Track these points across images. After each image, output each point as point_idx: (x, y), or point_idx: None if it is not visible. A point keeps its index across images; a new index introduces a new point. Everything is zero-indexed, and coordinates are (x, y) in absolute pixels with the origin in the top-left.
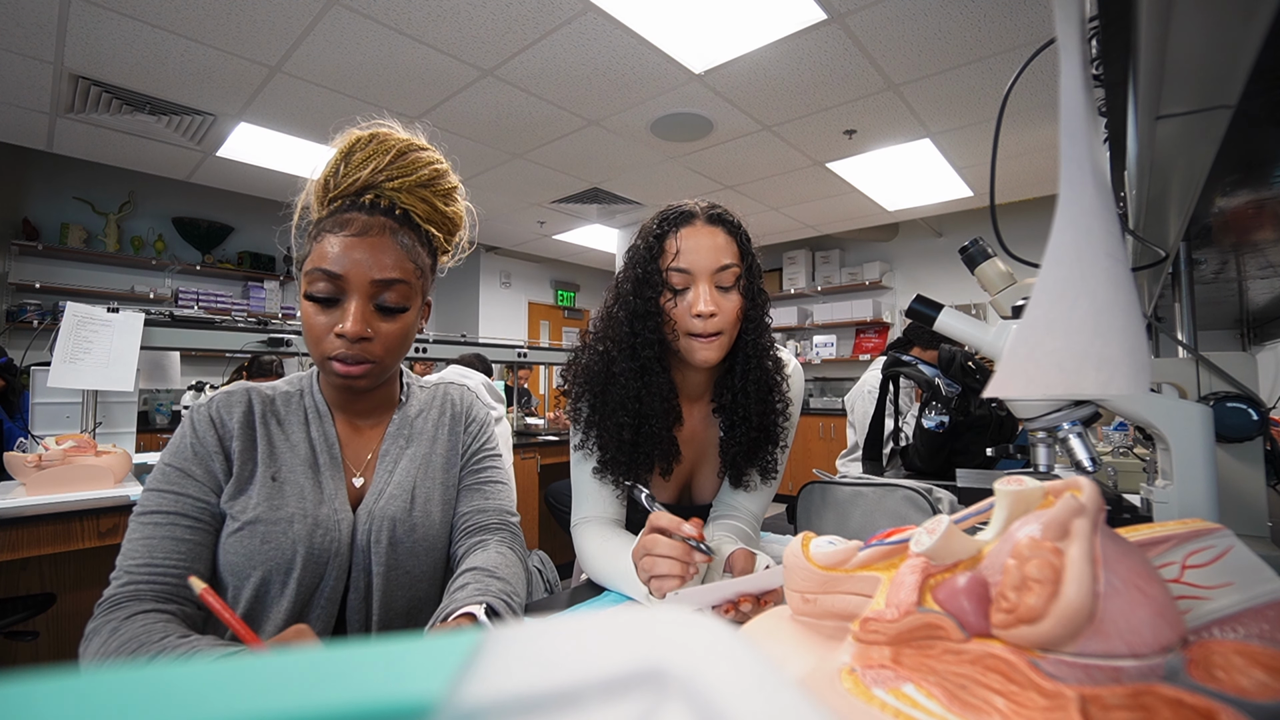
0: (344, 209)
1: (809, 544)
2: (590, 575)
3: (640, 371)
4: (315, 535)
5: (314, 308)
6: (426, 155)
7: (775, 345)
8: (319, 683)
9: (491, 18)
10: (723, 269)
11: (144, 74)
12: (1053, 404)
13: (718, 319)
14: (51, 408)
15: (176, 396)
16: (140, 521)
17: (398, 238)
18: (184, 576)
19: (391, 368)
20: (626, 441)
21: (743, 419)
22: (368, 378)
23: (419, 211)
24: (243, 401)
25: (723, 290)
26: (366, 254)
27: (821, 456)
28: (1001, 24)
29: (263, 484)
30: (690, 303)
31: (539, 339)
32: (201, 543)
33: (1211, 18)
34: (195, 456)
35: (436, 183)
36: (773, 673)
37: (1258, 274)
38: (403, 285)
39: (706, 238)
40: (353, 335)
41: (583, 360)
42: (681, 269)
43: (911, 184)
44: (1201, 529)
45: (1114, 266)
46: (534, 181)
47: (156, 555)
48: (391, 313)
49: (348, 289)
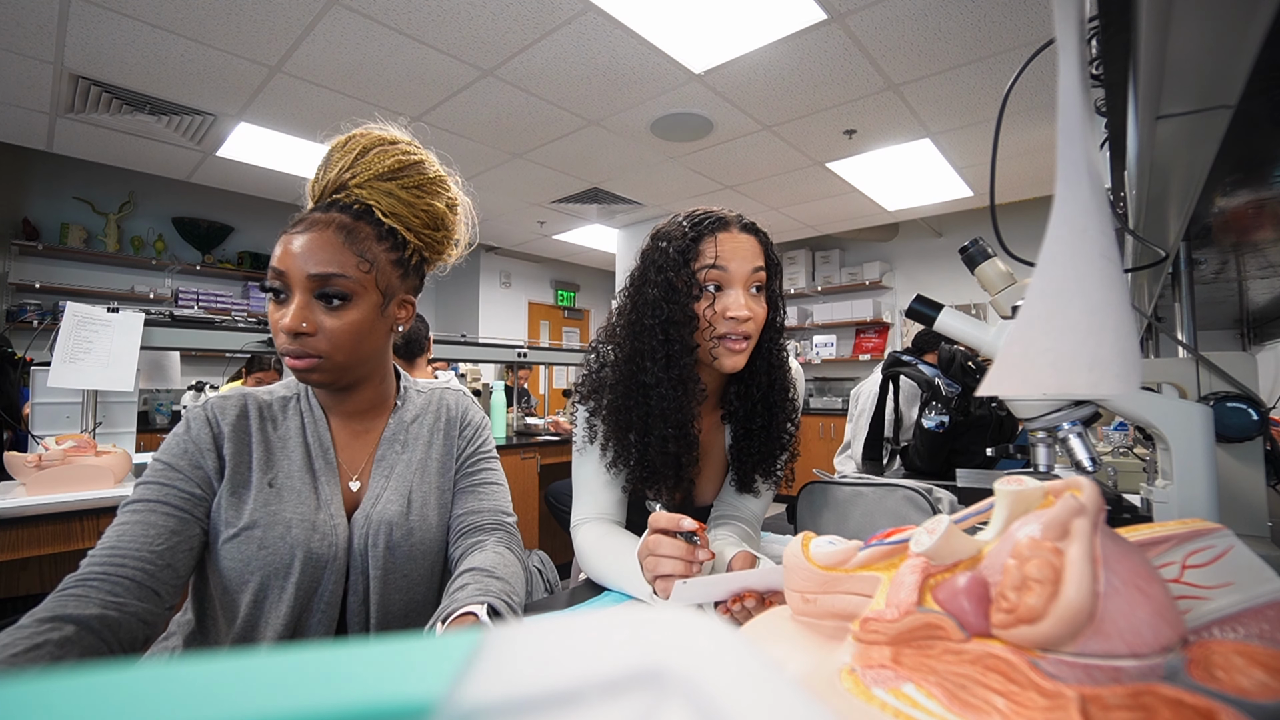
0: (311, 210)
1: (809, 544)
2: (590, 575)
3: (677, 380)
4: (313, 540)
5: (272, 304)
6: (395, 149)
7: (781, 344)
8: (319, 683)
9: (491, 18)
10: (757, 271)
11: (144, 74)
12: (1052, 404)
13: (751, 323)
14: (51, 408)
15: (176, 396)
16: (121, 514)
17: (344, 232)
18: (146, 560)
19: (348, 366)
20: (671, 454)
21: (761, 428)
22: (317, 372)
23: (382, 205)
24: (238, 406)
25: (754, 296)
26: (304, 248)
27: (821, 456)
28: (1001, 24)
29: (259, 490)
30: (726, 306)
31: (539, 339)
32: (176, 530)
33: (1211, 18)
34: (185, 453)
35: (402, 175)
36: (773, 673)
37: (1258, 274)
38: (342, 279)
39: (743, 242)
40: (288, 330)
41: (598, 372)
42: (721, 267)
43: (911, 184)
44: (1201, 529)
45: (1108, 267)
46: (534, 181)
47: (123, 540)
48: (334, 307)
49: (290, 284)
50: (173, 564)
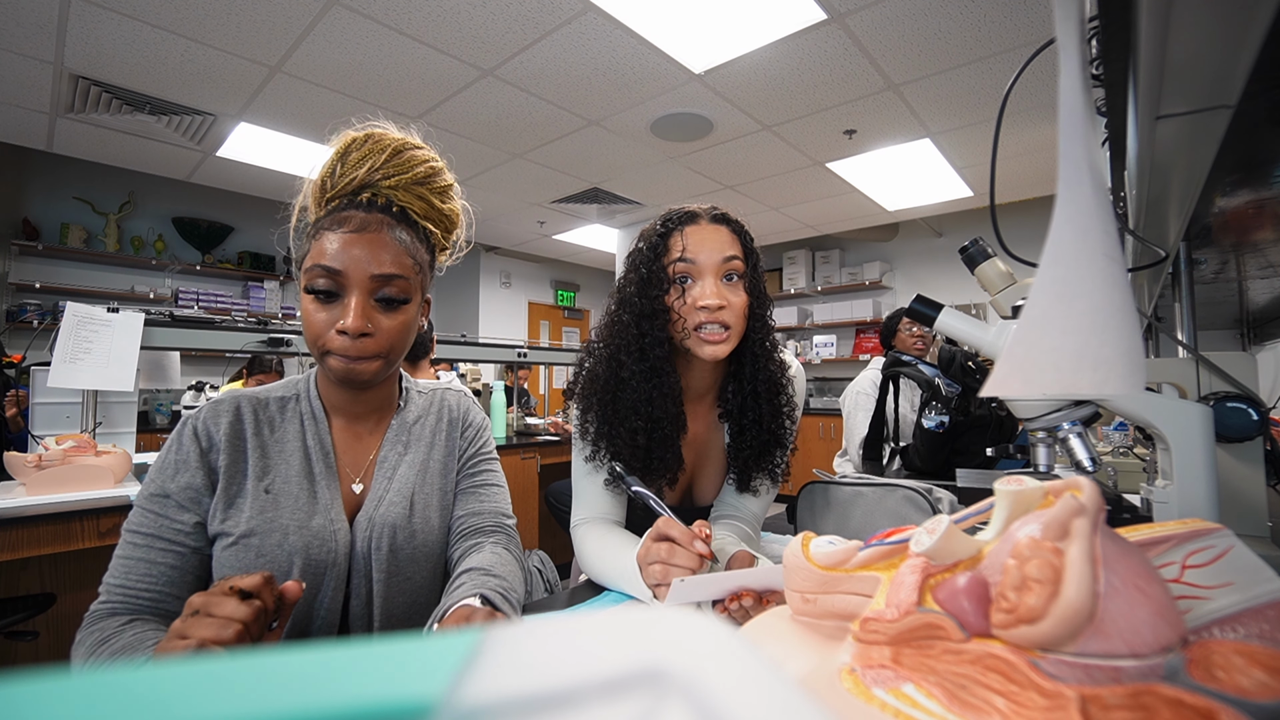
0: (341, 208)
1: (809, 544)
2: (590, 575)
3: (650, 373)
4: (311, 546)
5: (314, 304)
6: (422, 154)
7: (780, 347)
8: (319, 683)
9: (491, 18)
10: (728, 260)
11: (144, 74)
12: (1053, 404)
13: (725, 311)
14: (51, 408)
15: (176, 396)
16: (124, 539)
17: (395, 233)
18: (155, 600)
19: (395, 363)
20: (640, 447)
21: (753, 422)
22: (371, 372)
23: (416, 209)
24: (230, 411)
25: (729, 284)
26: (365, 250)
27: (821, 456)
28: (1001, 24)
29: (255, 496)
30: (697, 296)
31: (539, 339)
32: (175, 565)
33: (1211, 18)
34: (176, 475)
35: (432, 180)
36: (773, 673)
37: (1258, 274)
38: (402, 280)
39: (711, 233)
40: (354, 331)
41: (588, 368)
42: (688, 260)
43: (911, 184)
44: (1201, 529)
45: (1111, 267)
46: (534, 181)
47: (131, 578)
48: (392, 307)
49: (347, 285)
50: (181, 595)
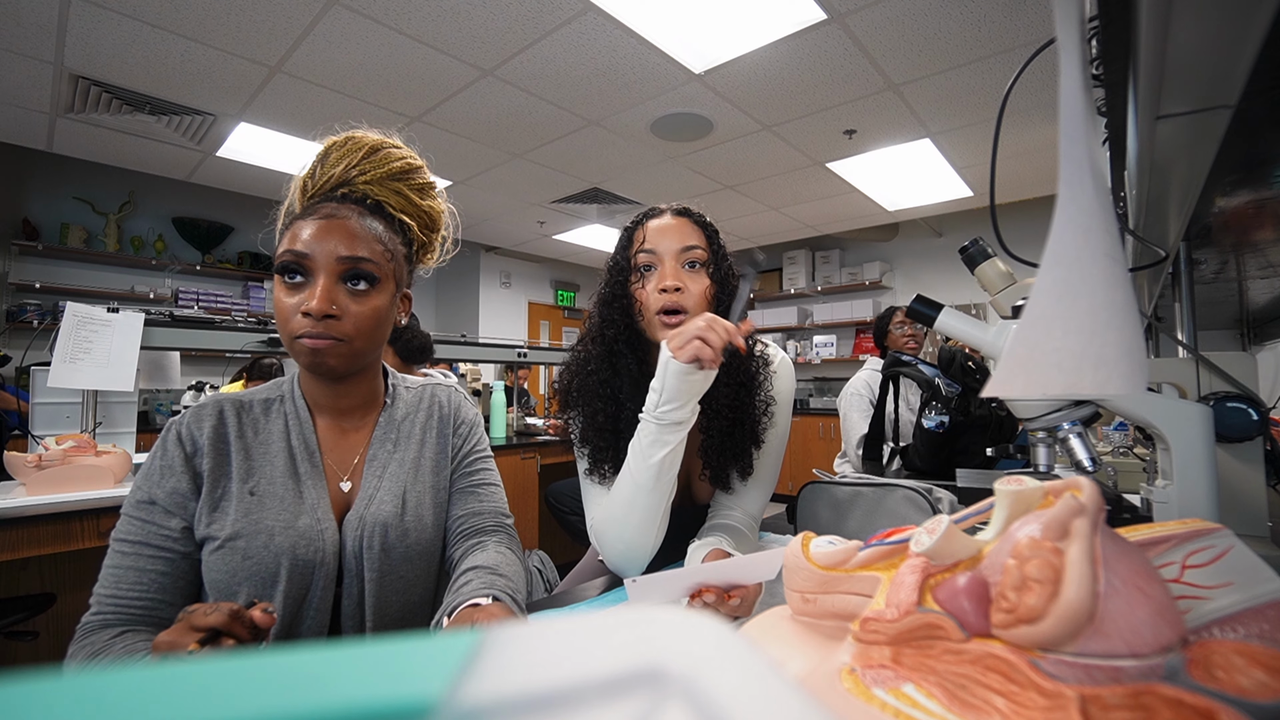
0: (318, 202)
1: (809, 544)
2: (620, 538)
3: (608, 354)
4: (298, 546)
5: (283, 288)
6: (398, 151)
7: (757, 340)
8: (319, 683)
9: (491, 18)
10: (687, 249)
11: (144, 74)
12: (1053, 404)
13: (683, 295)
14: (51, 408)
15: (176, 396)
16: (113, 548)
17: (366, 222)
18: (147, 608)
19: (365, 352)
20: (607, 430)
21: (715, 412)
22: (334, 356)
23: (392, 203)
24: (214, 415)
25: (689, 271)
26: (334, 234)
27: (821, 456)
28: (1001, 24)
29: (240, 499)
30: (657, 282)
31: (539, 339)
32: (166, 571)
33: (1211, 18)
34: (162, 480)
35: (409, 176)
36: (773, 673)
37: (1258, 274)
38: (370, 264)
39: (673, 225)
40: (317, 312)
41: (570, 367)
42: (648, 250)
43: (911, 184)
44: (1201, 529)
45: (1112, 267)
46: (534, 181)
47: (121, 587)
48: (361, 293)
49: (314, 267)
50: (173, 602)
